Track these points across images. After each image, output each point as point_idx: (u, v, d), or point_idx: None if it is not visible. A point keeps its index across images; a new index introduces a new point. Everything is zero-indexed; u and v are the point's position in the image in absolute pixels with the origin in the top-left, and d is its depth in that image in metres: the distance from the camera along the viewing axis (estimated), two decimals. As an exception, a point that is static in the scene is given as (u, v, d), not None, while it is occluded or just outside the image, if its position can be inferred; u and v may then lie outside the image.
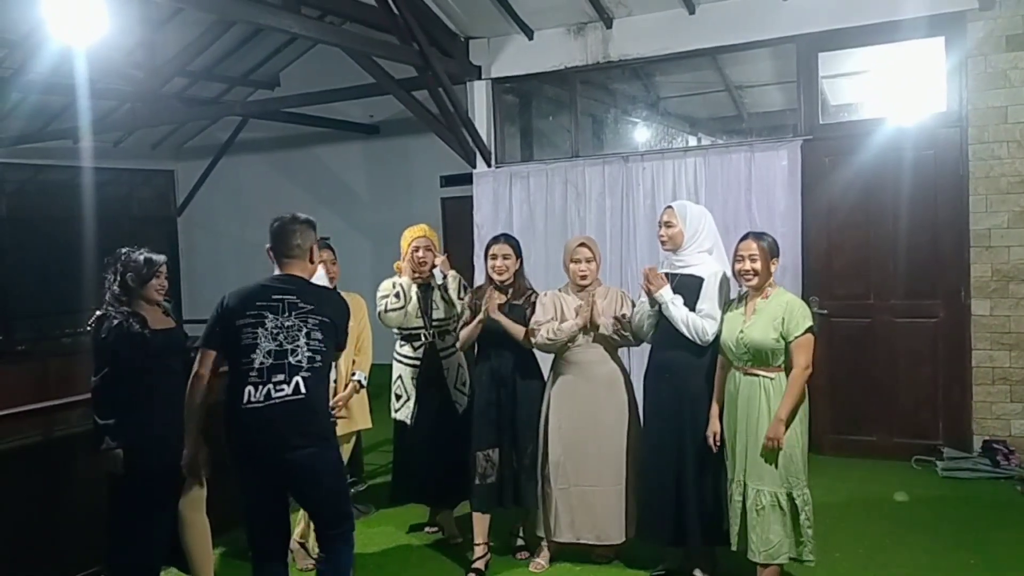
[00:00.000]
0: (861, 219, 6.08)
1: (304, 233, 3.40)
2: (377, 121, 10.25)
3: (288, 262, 3.39)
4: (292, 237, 3.38)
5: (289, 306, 3.26)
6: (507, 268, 4.29)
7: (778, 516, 3.65)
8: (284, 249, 3.39)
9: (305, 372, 3.22)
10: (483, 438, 4.28)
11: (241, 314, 3.24)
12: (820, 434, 6.17)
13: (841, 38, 6.09)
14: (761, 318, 3.69)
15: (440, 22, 7.09)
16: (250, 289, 3.33)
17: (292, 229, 3.39)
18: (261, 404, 3.17)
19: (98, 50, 7.89)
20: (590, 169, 6.91)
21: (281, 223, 3.43)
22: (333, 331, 3.35)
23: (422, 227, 4.62)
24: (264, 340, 3.20)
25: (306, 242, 3.40)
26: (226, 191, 11.24)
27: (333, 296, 3.55)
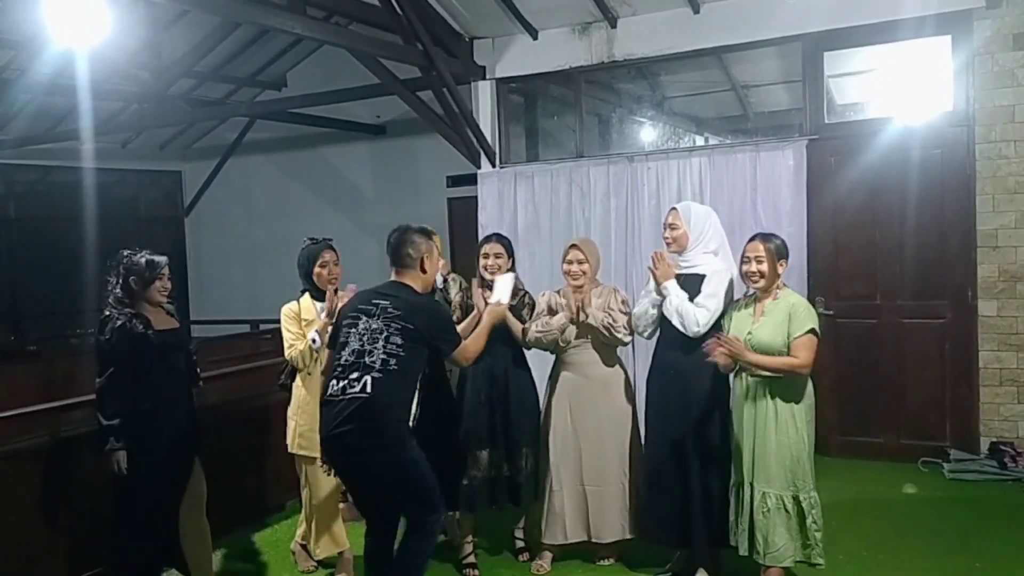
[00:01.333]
0: (867, 219, 6.04)
1: (415, 244, 3.56)
2: (384, 121, 10.24)
3: (399, 270, 3.59)
4: (403, 247, 3.56)
5: (381, 310, 3.45)
6: (499, 267, 4.27)
7: (783, 519, 3.63)
8: (395, 258, 3.59)
9: (376, 373, 3.36)
10: (473, 438, 4.26)
11: (347, 314, 3.53)
12: (827, 435, 6.13)
13: (846, 37, 6.05)
14: (769, 320, 3.68)
15: (444, 22, 7.08)
16: (363, 293, 3.61)
17: (404, 239, 3.56)
18: (336, 398, 3.38)
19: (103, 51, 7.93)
20: (595, 169, 6.89)
21: (398, 233, 3.60)
22: (418, 338, 3.44)
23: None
24: (353, 339, 3.43)
25: (417, 252, 3.56)
26: (233, 192, 11.26)
27: (428, 307, 3.59)
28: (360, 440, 3.35)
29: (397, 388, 3.42)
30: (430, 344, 3.49)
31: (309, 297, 4.23)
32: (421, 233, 3.60)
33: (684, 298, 3.93)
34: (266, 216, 10.90)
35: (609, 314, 4.17)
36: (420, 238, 3.58)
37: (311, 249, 4.24)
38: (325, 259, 4.20)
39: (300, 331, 4.13)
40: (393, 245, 3.60)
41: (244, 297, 10.73)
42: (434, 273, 3.66)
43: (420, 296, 3.60)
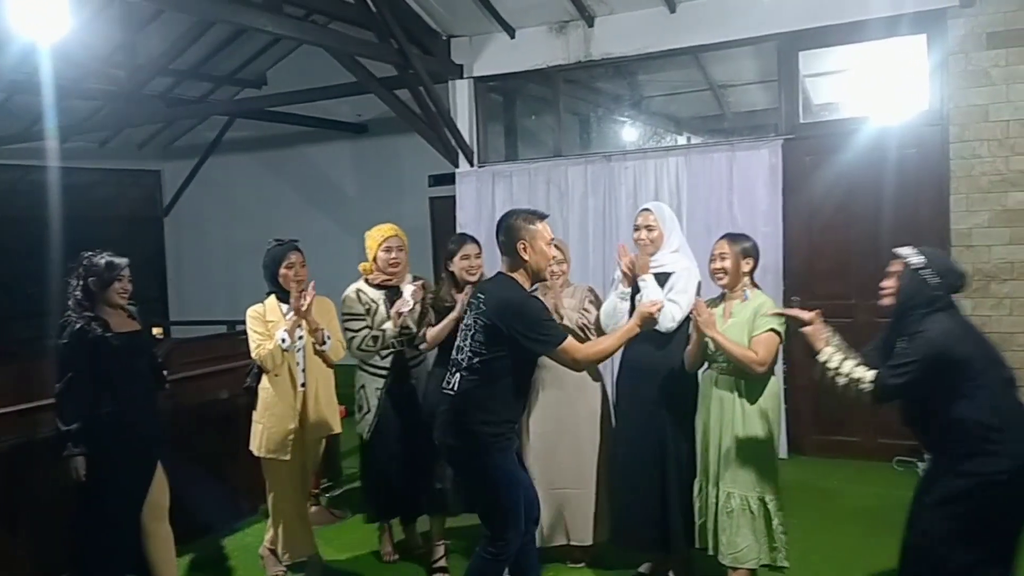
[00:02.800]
0: (843, 218, 6.03)
1: (509, 228, 3.35)
2: (365, 120, 10.19)
3: (504, 260, 3.42)
4: (499, 234, 3.40)
5: (476, 305, 3.36)
6: (479, 267, 4.22)
7: (747, 520, 3.61)
8: (499, 246, 3.42)
9: (464, 371, 3.31)
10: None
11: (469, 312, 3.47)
12: (803, 435, 6.16)
13: (822, 36, 6.05)
14: (737, 321, 3.67)
15: (420, 20, 7.05)
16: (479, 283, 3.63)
17: (501, 224, 3.40)
18: (445, 390, 3.39)
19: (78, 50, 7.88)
20: (573, 169, 6.87)
21: (509, 219, 3.39)
22: (499, 337, 3.23)
23: (392, 226, 4.41)
24: (460, 334, 3.42)
25: (509, 237, 3.33)
26: (213, 191, 11.19)
27: (514, 303, 3.28)
28: (448, 439, 3.35)
29: (479, 389, 3.27)
30: (515, 343, 3.23)
31: (275, 299, 4.18)
32: (521, 216, 3.35)
33: (661, 294, 3.91)
34: (246, 216, 10.82)
35: (583, 315, 4.15)
36: (518, 221, 3.32)
37: (277, 251, 4.18)
38: (291, 260, 4.15)
39: (267, 332, 4.08)
40: (505, 233, 3.36)
41: (224, 297, 10.65)
42: (541, 261, 3.36)
43: (513, 290, 3.32)
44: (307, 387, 4.18)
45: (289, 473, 4.17)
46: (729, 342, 3.57)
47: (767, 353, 3.57)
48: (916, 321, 3.10)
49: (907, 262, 3.20)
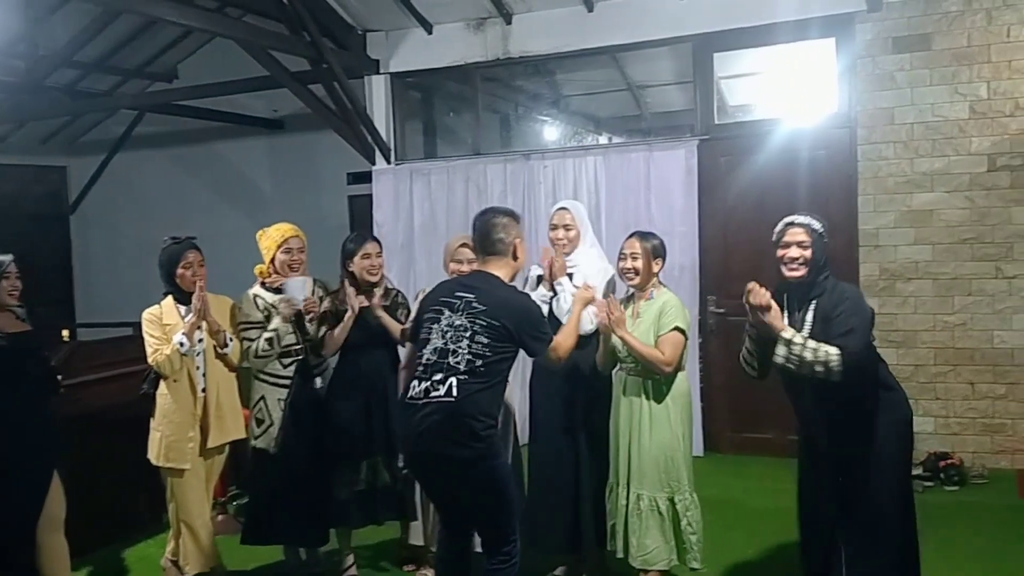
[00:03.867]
0: (757, 218, 6.09)
1: (507, 227, 3.27)
2: (281, 116, 9.94)
3: (488, 259, 3.29)
4: (494, 231, 3.26)
5: (465, 305, 3.17)
6: (381, 267, 4.12)
7: (656, 521, 3.59)
8: (485, 245, 3.28)
9: (462, 375, 3.09)
10: (352, 449, 4.09)
11: (428, 307, 3.25)
12: (717, 432, 6.23)
13: (735, 38, 6.12)
14: (644, 321, 3.66)
15: (335, 14, 6.90)
16: (446, 284, 3.37)
17: (494, 223, 3.26)
18: (419, 400, 3.13)
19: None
20: (492, 167, 6.82)
21: (483, 216, 3.30)
22: (505, 337, 3.15)
23: (291, 226, 4.17)
24: (435, 336, 3.16)
25: (509, 237, 3.27)
26: (123, 188, 10.76)
27: (518, 301, 3.29)
28: (447, 449, 3.10)
29: (484, 392, 3.14)
30: (519, 343, 3.20)
31: (172, 300, 4.00)
32: (510, 215, 3.31)
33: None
34: (158, 214, 10.43)
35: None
36: (510, 221, 3.28)
37: (173, 250, 3.98)
38: (188, 260, 3.96)
39: (164, 336, 3.90)
40: (481, 231, 3.28)
41: (135, 298, 10.14)
42: (524, 261, 3.39)
43: (508, 289, 3.30)
44: (208, 392, 4.00)
45: (189, 482, 3.99)
46: (637, 342, 3.55)
47: (673, 352, 3.56)
48: (820, 285, 3.23)
49: (813, 228, 3.29)
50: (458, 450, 3.11)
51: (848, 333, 3.09)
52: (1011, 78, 5.44)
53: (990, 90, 5.49)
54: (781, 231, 3.37)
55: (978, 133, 5.53)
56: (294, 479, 4.04)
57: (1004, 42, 5.44)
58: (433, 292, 3.36)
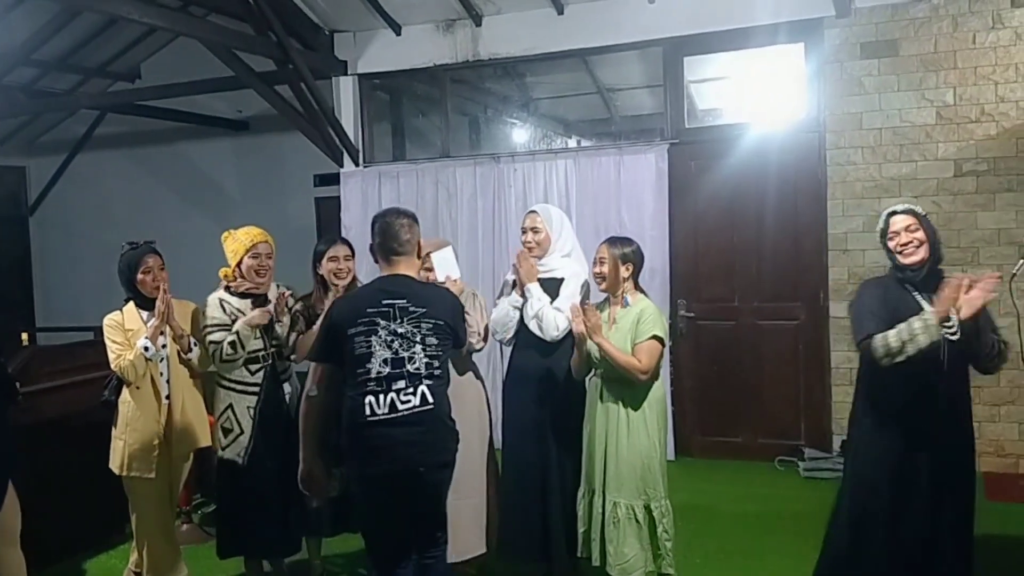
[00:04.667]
0: (726, 223, 6.13)
1: (412, 228, 3.21)
2: (247, 117, 9.79)
3: (397, 260, 3.18)
4: (402, 232, 3.17)
5: (400, 311, 3.07)
6: (349, 270, 4.03)
7: (634, 529, 3.56)
8: (394, 246, 3.16)
9: (428, 380, 3.06)
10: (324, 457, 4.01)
11: (352, 323, 3.06)
12: (688, 436, 6.23)
13: (705, 42, 6.13)
14: (620, 329, 3.62)
15: (302, 14, 6.80)
16: (360, 295, 3.23)
17: (401, 223, 3.18)
18: (387, 416, 3.01)
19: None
20: (461, 170, 6.76)
21: (387, 219, 3.21)
22: (450, 334, 3.18)
23: (260, 230, 4.03)
24: (379, 348, 3.03)
25: (414, 236, 3.22)
26: (84, 189, 10.54)
27: (444, 294, 3.34)
28: (435, 457, 3.10)
29: (446, 392, 3.16)
30: (455, 337, 3.23)
31: (134, 306, 3.90)
32: (410, 216, 3.24)
33: (546, 302, 3.83)
34: (120, 216, 10.24)
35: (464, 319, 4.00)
36: (411, 221, 3.23)
37: (131, 255, 3.87)
38: (148, 264, 3.86)
39: (126, 341, 3.80)
40: (385, 233, 3.17)
41: (96, 302, 9.95)
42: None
43: (430, 286, 3.34)
44: (172, 399, 3.90)
45: (154, 491, 3.89)
46: (614, 349, 3.52)
47: (650, 361, 3.53)
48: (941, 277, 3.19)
49: (915, 212, 3.27)
50: (443, 456, 3.12)
51: (996, 330, 3.15)
52: (977, 84, 5.50)
53: (956, 96, 5.54)
54: (884, 223, 3.35)
55: (944, 139, 5.58)
56: (265, 488, 3.93)
57: (970, 48, 5.50)
58: (345, 305, 3.18)
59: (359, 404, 3.03)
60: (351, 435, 3.08)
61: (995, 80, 5.47)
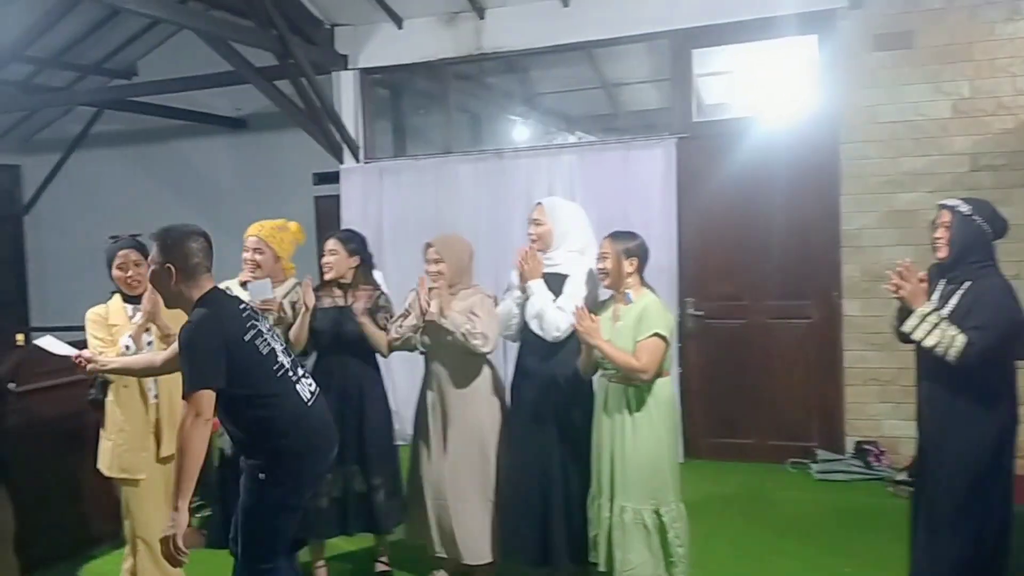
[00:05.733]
0: (735, 219, 5.99)
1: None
2: (245, 114, 9.67)
3: (210, 276, 3.03)
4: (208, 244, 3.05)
5: (254, 311, 3.10)
6: (332, 265, 3.97)
7: (641, 535, 3.42)
8: (211, 262, 3.03)
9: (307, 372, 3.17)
10: None
11: (243, 329, 2.94)
12: (696, 437, 6.08)
13: (714, 34, 5.99)
14: (625, 326, 3.49)
15: (302, 7, 6.67)
16: (228, 303, 3.02)
17: (200, 236, 3.04)
18: (314, 400, 3.07)
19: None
20: (463, 166, 6.64)
21: (202, 235, 3.04)
22: None
23: (260, 224, 4.08)
24: (273, 342, 3.02)
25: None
26: (79, 188, 10.41)
27: None
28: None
29: None
30: None
31: (119, 299, 3.76)
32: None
33: (548, 300, 3.70)
34: (116, 214, 10.06)
35: (470, 319, 3.84)
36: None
37: (110, 248, 3.74)
38: (123, 259, 3.71)
39: (109, 337, 3.65)
40: (210, 248, 3.05)
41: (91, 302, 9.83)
42: None
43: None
44: (160, 399, 3.74)
45: (147, 494, 3.73)
46: (613, 350, 3.39)
47: (651, 360, 3.38)
48: (972, 273, 3.28)
49: (956, 210, 3.34)
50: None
51: (979, 328, 3.15)
52: (994, 77, 5.36)
53: (973, 89, 5.40)
54: (935, 214, 3.46)
55: (961, 132, 5.44)
56: None
57: (987, 40, 5.36)
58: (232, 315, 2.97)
59: (294, 394, 3.00)
60: (302, 429, 3.00)
61: (1013, 72, 5.33)
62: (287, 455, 2.96)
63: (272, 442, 2.94)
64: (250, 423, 2.96)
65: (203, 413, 2.78)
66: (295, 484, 3.01)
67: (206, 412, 2.79)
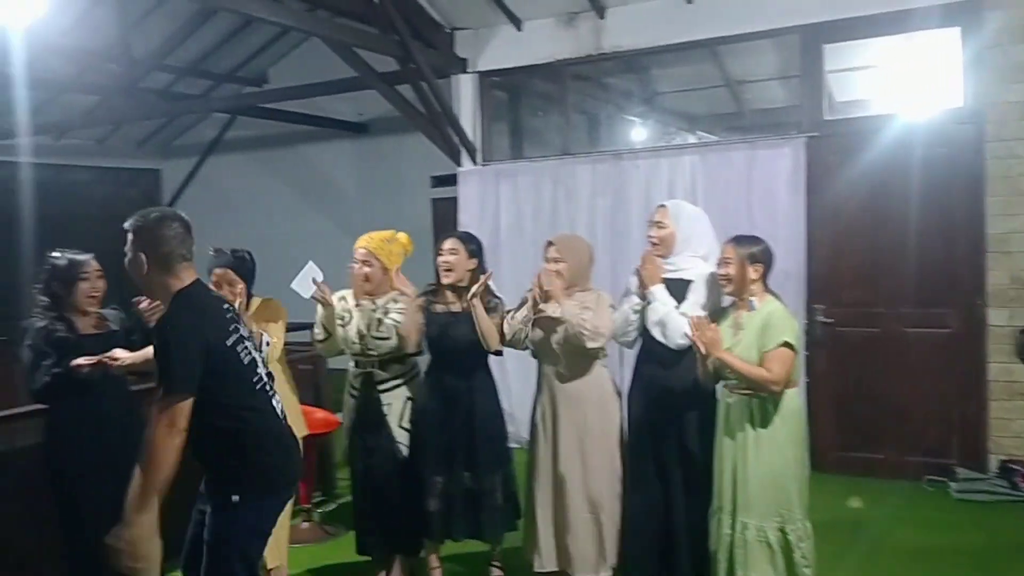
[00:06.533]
0: (869, 221, 5.69)
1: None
2: (366, 119, 9.95)
3: (191, 266, 2.73)
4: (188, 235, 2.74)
5: (235, 315, 2.81)
6: (452, 265, 3.90)
7: (765, 553, 3.27)
8: (189, 251, 2.72)
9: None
10: (432, 463, 3.89)
11: (226, 332, 2.69)
12: (824, 450, 5.80)
13: (848, 29, 5.70)
14: (747, 335, 3.35)
15: (424, 12, 6.75)
16: (213, 301, 2.80)
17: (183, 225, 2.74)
18: (284, 417, 2.83)
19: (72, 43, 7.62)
20: (581, 168, 6.57)
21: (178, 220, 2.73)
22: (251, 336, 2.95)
23: (369, 235, 3.99)
24: (254, 352, 2.79)
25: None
26: (212, 191, 10.94)
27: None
28: None
29: None
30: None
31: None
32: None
33: (671, 306, 3.58)
34: (244, 216, 10.56)
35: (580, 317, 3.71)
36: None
37: (209, 260, 3.91)
38: (217, 278, 3.85)
39: None
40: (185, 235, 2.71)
41: (222, 300, 10.40)
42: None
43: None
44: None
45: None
46: (737, 361, 3.24)
47: (781, 370, 3.22)
48: None
49: None
50: None
51: None
52: None
53: None
54: None
55: (1122, 128, 5.01)
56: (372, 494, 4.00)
57: None
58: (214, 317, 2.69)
59: (271, 409, 2.75)
60: (281, 446, 2.76)
61: None
62: (265, 473, 2.69)
63: (249, 458, 2.65)
64: (219, 436, 2.62)
65: (177, 423, 2.45)
66: (270, 506, 2.75)
67: (180, 422, 2.46)
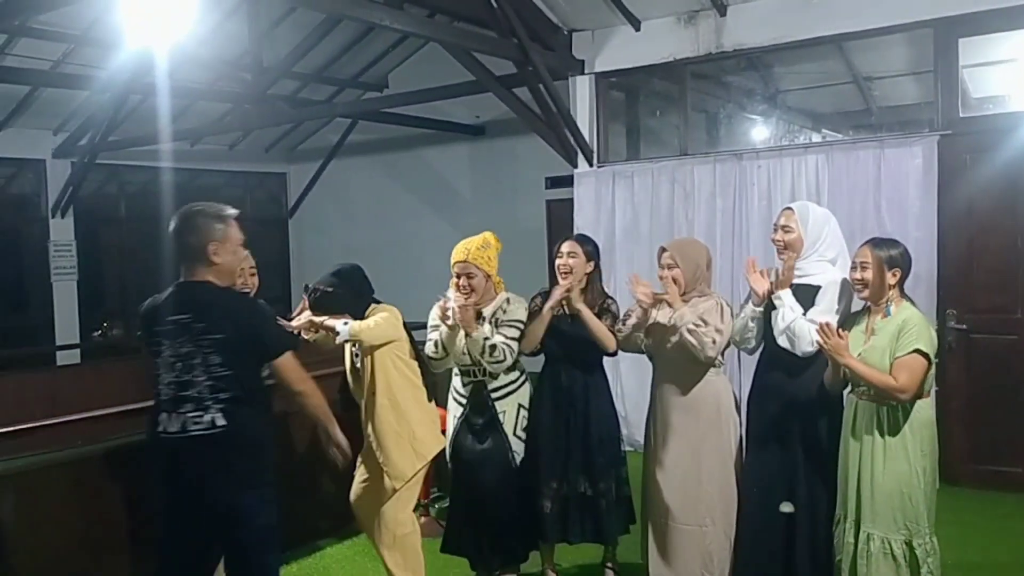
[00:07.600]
0: (1007, 222, 5.40)
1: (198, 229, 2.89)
2: (483, 122, 10.08)
3: (188, 267, 2.89)
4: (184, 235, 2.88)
5: (183, 329, 2.83)
6: (571, 268, 3.87)
7: (889, 567, 3.16)
8: (183, 253, 2.89)
9: (217, 404, 2.81)
10: (547, 466, 3.90)
11: (149, 334, 2.92)
12: (956, 463, 5.53)
13: (986, 21, 5.43)
14: (880, 341, 3.24)
15: (541, 14, 6.80)
16: (155, 305, 2.93)
17: (186, 226, 2.88)
18: (179, 435, 2.82)
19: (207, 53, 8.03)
20: (700, 168, 6.46)
21: (179, 219, 2.90)
22: (241, 347, 2.86)
23: (464, 247, 3.89)
24: (164, 370, 2.85)
25: (199, 238, 2.88)
26: (335, 193, 11.32)
27: (235, 304, 2.95)
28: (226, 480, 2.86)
29: (250, 414, 2.88)
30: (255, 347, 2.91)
31: None
32: (207, 215, 2.91)
33: (799, 314, 3.48)
34: (365, 218, 10.92)
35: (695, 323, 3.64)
36: (205, 220, 2.89)
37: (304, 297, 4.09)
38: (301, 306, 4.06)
39: None
40: (175, 235, 2.86)
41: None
42: (232, 261, 2.97)
43: (224, 293, 2.94)
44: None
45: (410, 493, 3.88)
46: (865, 368, 3.14)
47: (911, 379, 3.10)
48: None
49: None
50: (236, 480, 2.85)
51: None
52: None
53: None
54: None
55: None
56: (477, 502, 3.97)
57: None
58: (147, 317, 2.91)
59: (155, 416, 2.89)
60: (149, 444, 2.93)
61: None
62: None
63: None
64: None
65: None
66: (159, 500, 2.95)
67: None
